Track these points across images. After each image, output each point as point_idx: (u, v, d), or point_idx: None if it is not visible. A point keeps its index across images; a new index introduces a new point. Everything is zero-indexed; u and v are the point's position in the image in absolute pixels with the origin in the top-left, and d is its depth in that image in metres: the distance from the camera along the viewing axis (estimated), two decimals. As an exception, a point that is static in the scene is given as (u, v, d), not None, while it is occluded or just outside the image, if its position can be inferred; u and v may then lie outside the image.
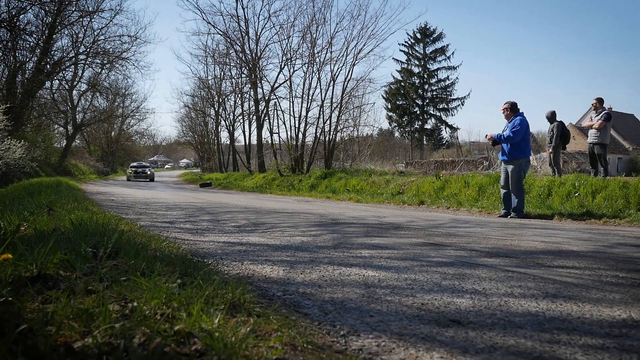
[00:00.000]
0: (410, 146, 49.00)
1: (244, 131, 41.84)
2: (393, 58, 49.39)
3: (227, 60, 28.67)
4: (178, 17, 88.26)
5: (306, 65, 22.78)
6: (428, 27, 49.22)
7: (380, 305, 2.11)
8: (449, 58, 49.22)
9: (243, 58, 25.89)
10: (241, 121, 34.01)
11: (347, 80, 21.97)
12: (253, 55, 25.24)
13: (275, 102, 24.69)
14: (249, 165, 29.75)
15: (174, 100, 72.04)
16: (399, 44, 49.55)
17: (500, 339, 1.68)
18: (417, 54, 49.73)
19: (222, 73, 32.62)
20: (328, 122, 22.24)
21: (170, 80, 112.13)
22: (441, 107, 49.80)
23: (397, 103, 49.62)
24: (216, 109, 37.17)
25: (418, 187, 13.63)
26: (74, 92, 34.18)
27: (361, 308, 2.05)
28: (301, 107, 22.99)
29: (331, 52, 22.13)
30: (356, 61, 21.66)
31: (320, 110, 22.39)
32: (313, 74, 22.53)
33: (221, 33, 26.28)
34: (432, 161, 33.10)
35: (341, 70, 22.21)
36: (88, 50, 24.03)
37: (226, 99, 34.58)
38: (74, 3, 21.06)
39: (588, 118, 11.34)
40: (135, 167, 35.82)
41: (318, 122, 22.52)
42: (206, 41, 47.06)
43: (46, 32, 20.96)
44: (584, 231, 6.10)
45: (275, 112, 24.87)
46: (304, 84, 22.82)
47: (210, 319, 1.44)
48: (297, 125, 23.02)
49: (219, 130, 39.52)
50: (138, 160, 49.45)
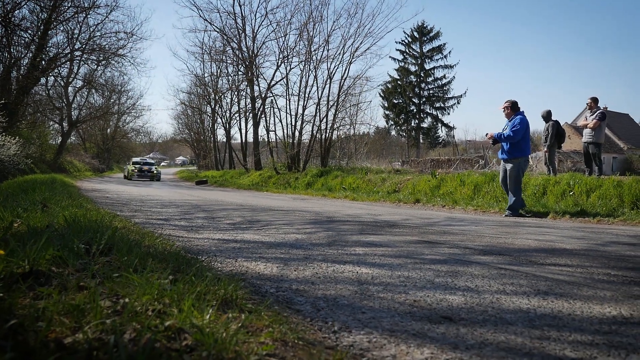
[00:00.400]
0: (406, 145, 49.10)
1: (241, 129, 41.78)
2: (390, 56, 49.56)
3: (224, 57, 28.66)
4: (174, 14, 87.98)
5: (303, 63, 22.79)
6: (425, 26, 49.27)
7: (372, 302, 2.11)
8: (446, 57, 49.36)
9: (240, 55, 25.85)
10: (238, 119, 34.02)
11: (344, 78, 21.99)
12: (250, 52, 25.21)
13: (271, 100, 24.68)
14: (246, 162, 29.74)
15: (170, 97, 72.21)
16: (396, 42, 49.67)
17: (490, 335, 1.69)
18: (414, 53, 49.80)
19: (219, 70, 32.61)
20: (324, 120, 22.25)
21: (166, 77, 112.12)
22: (438, 106, 49.90)
23: (394, 101, 49.68)
24: (213, 107, 37.14)
25: (414, 186, 13.65)
26: (70, 89, 34.04)
27: (354, 305, 2.06)
28: (298, 105, 22.96)
29: (328, 50, 22.14)
30: (353, 59, 21.68)
31: (316, 108, 22.40)
32: (310, 72, 22.53)
33: (218, 30, 26.25)
34: (429, 160, 33.18)
35: (338, 68, 22.31)
36: (84, 46, 23.93)
37: (223, 97, 34.56)
38: (70, -1, 20.98)
39: (583, 117, 11.38)
40: (139, 164, 30.49)
41: (314, 120, 22.52)
42: (203, 38, 47.15)
43: (41, 28, 20.86)
44: (578, 230, 6.12)
45: (271, 110, 24.88)
46: (301, 82, 22.83)
47: (201, 315, 1.45)
48: (294, 123, 23.02)
49: (216, 127, 39.52)
50: (135, 156, 45.29)
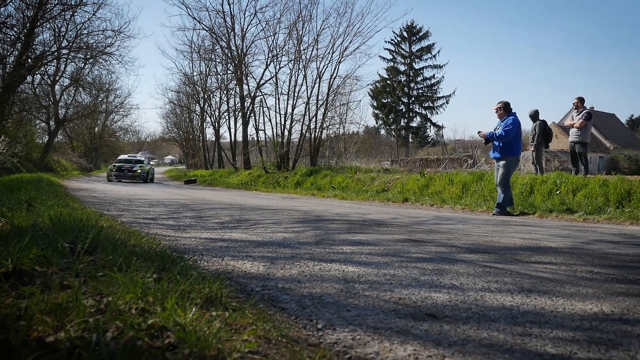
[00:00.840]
0: (396, 144, 49.24)
1: (230, 128, 41.69)
2: (379, 56, 49.55)
3: (213, 56, 28.53)
4: (163, 12, 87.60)
5: (292, 62, 22.76)
6: (414, 26, 49.45)
7: (358, 300, 2.13)
8: (435, 57, 49.56)
9: (229, 54, 25.77)
10: (227, 118, 33.88)
11: (333, 77, 22.00)
12: (239, 51, 25.13)
13: (261, 99, 24.61)
14: (235, 162, 29.64)
15: (159, 96, 71.67)
16: (385, 42, 49.79)
17: (473, 332, 1.70)
18: (403, 52, 49.97)
19: (208, 69, 32.49)
20: (314, 120, 22.25)
21: (155, 75, 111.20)
22: (427, 106, 50.12)
23: (383, 101, 49.80)
24: (201, 106, 36.97)
25: (403, 185, 13.71)
26: (57, 87, 33.66)
27: (339, 303, 2.06)
28: (287, 104, 22.94)
29: (317, 49, 22.14)
30: (342, 58, 21.70)
31: (306, 107, 22.38)
32: (299, 71, 22.51)
33: (207, 29, 26.12)
34: (418, 159, 33.32)
35: (327, 67, 22.23)
36: (71, 44, 23.64)
37: (212, 96, 34.41)
38: (56, -4, 20.73)
39: (570, 117, 11.50)
40: (119, 162, 26.08)
41: (304, 119, 22.52)
42: (192, 37, 46.82)
43: (27, 26, 20.62)
44: (564, 228, 6.19)
45: (261, 109, 24.82)
46: (290, 81, 22.80)
47: (184, 313, 1.45)
48: (283, 122, 22.99)
49: (205, 126, 39.34)
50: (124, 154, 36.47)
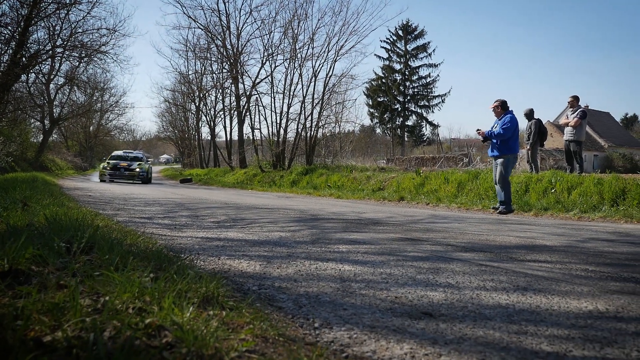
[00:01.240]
0: (391, 143, 49.29)
1: (225, 127, 41.44)
2: (375, 54, 49.59)
3: (208, 55, 28.48)
4: (158, 11, 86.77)
5: (288, 60, 22.75)
6: (410, 24, 49.49)
7: (354, 298, 2.13)
8: (430, 55, 49.61)
9: (224, 53, 25.72)
10: (222, 117, 33.81)
11: (329, 76, 22.00)
12: (234, 50, 25.09)
13: (256, 98, 24.60)
14: (230, 161, 29.62)
15: (154, 95, 71.51)
16: (381, 41, 49.79)
17: (469, 331, 1.71)
18: (399, 51, 50.00)
19: (203, 68, 32.37)
20: (309, 118, 22.24)
21: (150, 74, 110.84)
22: (422, 104, 50.19)
23: (379, 100, 49.84)
24: (197, 104, 36.87)
25: (398, 184, 13.73)
26: (51, 86, 33.48)
27: (335, 301, 2.07)
28: (282, 103, 22.93)
29: (313, 48, 22.13)
30: (338, 57, 21.69)
31: (301, 106, 22.38)
32: (295, 70, 22.50)
33: (202, 27, 26.07)
34: (413, 158, 33.35)
35: (323, 66, 22.25)
36: (65, 43, 23.51)
37: (207, 94, 34.35)
38: (51, -6, 20.62)
39: (564, 116, 11.55)
40: (115, 160, 22.72)
41: (299, 118, 22.51)
42: (187, 35, 46.65)
43: (22, 24, 20.51)
44: (559, 226, 6.22)
45: (256, 108, 24.81)
46: (286, 80, 22.79)
47: (181, 312, 1.45)
48: (279, 121, 22.97)
49: (200, 125, 39.24)
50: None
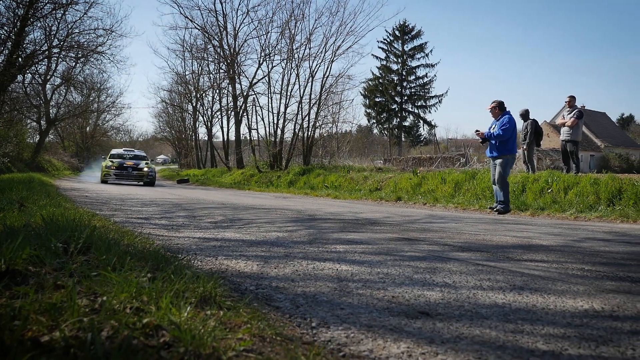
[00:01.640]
0: (388, 143, 49.35)
1: (222, 127, 41.41)
2: (372, 54, 49.61)
3: (205, 55, 28.50)
4: (155, 11, 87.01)
5: (285, 61, 22.77)
6: (407, 25, 49.55)
7: (351, 298, 2.14)
8: (427, 55, 49.70)
9: (221, 53, 25.72)
10: (219, 117, 33.85)
11: (326, 76, 22.04)
12: (231, 50, 25.09)
13: (253, 98, 24.60)
14: (228, 161, 29.60)
15: (151, 95, 71.28)
16: (378, 41, 49.84)
17: (466, 330, 1.72)
18: (396, 51, 50.06)
19: (200, 68, 32.41)
20: (307, 119, 22.26)
21: (147, 75, 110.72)
22: (419, 104, 50.25)
23: (376, 100, 49.88)
24: (194, 105, 36.85)
25: (395, 184, 13.75)
26: (48, 86, 33.31)
27: (333, 301, 2.08)
28: (280, 103, 22.94)
29: (310, 48, 22.18)
30: (335, 57, 21.74)
31: (298, 106, 22.39)
32: (292, 70, 22.52)
33: (199, 28, 26.07)
34: (410, 158, 33.42)
35: (320, 66, 22.24)
36: (62, 43, 23.47)
37: (204, 95, 34.34)
38: (47, -5, 20.56)
39: (561, 116, 11.59)
40: (119, 158, 20.69)
41: (297, 119, 22.53)
42: (184, 36, 46.59)
43: (18, 25, 20.45)
44: (555, 226, 6.24)
45: (253, 108, 24.80)
46: (283, 80, 22.80)
47: (179, 312, 1.45)
48: (276, 121, 22.98)
49: (197, 126, 39.24)
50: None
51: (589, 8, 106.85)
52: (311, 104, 22.24)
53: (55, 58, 26.28)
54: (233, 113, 27.27)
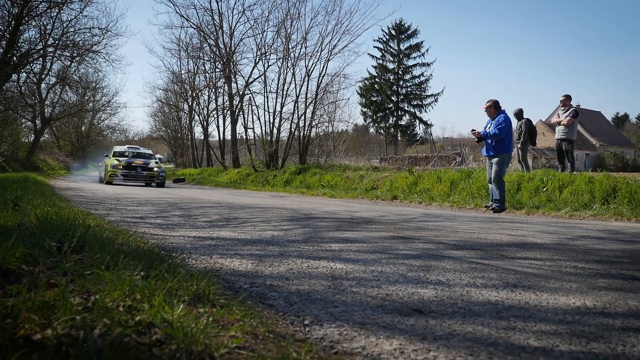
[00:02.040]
0: (384, 142, 49.40)
1: (218, 126, 41.29)
2: (368, 54, 49.62)
3: (201, 54, 28.44)
4: (150, 10, 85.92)
5: (281, 60, 22.75)
6: (403, 24, 49.60)
7: (345, 296, 2.14)
8: (423, 55, 49.76)
9: (217, 52, 25.69)
10: (215, 116, 33.75)
11: (322, 75, 22.02)
12: (227, 49, 25.05)
13: (249, 97, 24.59)
14: (224, 160, 29.54)
15: (147, 94, 71.07)
16: (374, 40, 49.84)
17: (458, 327, 1.73)
18: (392, 50, 50.09)
19: (196, 67, 32.29)
20: (303, 118, 22.26)
21: (142, 74, 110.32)
22: (415, 104, 50.32)
23: (372, 99, 49.91)
24: (190, 104, 36.73)
25: (392, 183, 13.77)
26: (43, 86, 33.21)
27: (326, 299, 2.08)
28: (276, 103, 22.93)
29: (306, 48, 22.15)
30: (331, 57, 21.73)
31: (294, 105, 22.39)
32: (288, 69, 22.51)
33: (195, 27, 26.02)
34: (406, 157, 33.47)
35: (316, 65, 22.22)
36: (57, 42, 23.38)
37: (200, 94, 34.27)
38: (42, -7, 20.48)
39: (556, 115, 11.63)
40: (125, 157, 18.95)
41: (293, 118, 22.52)
42: (179, 35, 46.26)
43: (12, 24, 20.36)
44: (550, 224, 6.27)
45: (249, 107, 24.78)
46: (279, 79, 22.79)
47: (172, 310, 1.45)
48: (272, 120, 22.97)
49: (193, 125, 39.10)
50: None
51: (586, 8, 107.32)
52: (307, 103, 22.24)
53: (50, 57, 26.21)
54: (229, 112, 27.23)
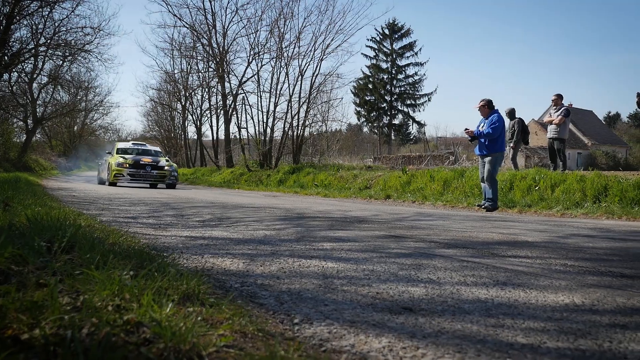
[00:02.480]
0: (378, 141, 49.49)
1: (212, 126, 41.32)
2: (362, 53, 49.69)
3: (194, 53, 28.38)
4: (143, 9, 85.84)
5: (274, 59, 22.76)
6: (396, 23, 49.69)
7: (336, 294, 2.15)
8: (417, 54, 49.88)
9: (210, 52, 25.64)
10: (209, 116, 33.69)
11: (315, 75, 22.06)
12: (220, 49, 25.01)
13: (243, 97, 24.56)
14: (217, 160, 29.49)
15: (140, 94, 70.46)
16: (368, 40, 49.92)
17: (448, 324, 1.74)
18: (386, 50, 50.18)
19: (189, 67, 32.20)
20: (296, 117, 22.27)
21: (135, 73, 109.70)
22: (409, 103, 50.44)
23: (366, 98, 49.97)
24: (183, 104, 36.61)
25: (385, 182, 13.80)
26: (34, 85, 32.95)
27: (317, 298, 2.09)
28: (269, 102, 22.95)
29: (299, 47, 22.18)
30: (324, 56, 21.78)
31: (288, 105, 22.40)
32: (281, 69, 22.52)
33: (188, 26, 25.97)
34: (400, 156, 33.53)
35: (309, 65, 22.25)
36: (48, 41, 23.26)
37: (193, 93, 34.17)
38: (33, -8, 20.38)
39: (548, 114, 11.69)
40: (130, 154, 16.96)
41: (286, 117, 22.53)
42: (172, 34, 46.10)
43: (4, 23, 20.22)
44: (541, 223, 6.31)
45: (243, 107, 24.75)
46: (272, 79, 22.80)
47: (161, 309, 1.46)
48: (265, 120, 22.96)
49: (186, 125, 38.97)
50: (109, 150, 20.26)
51: (579, 7, 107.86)
52: (301, 103, 22.26)
53: (42, 56, 26.06)
54: (222, 112, 27.20)
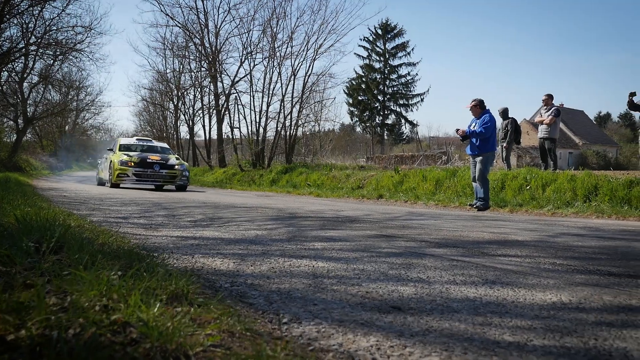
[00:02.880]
0: (371, 141, 49.52)
1: (204, 126, 41.14)
2: (355, 53, 49.70)
3: (187, 53, 28.26)
4: (135, 8, 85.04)
5: (267, 59, 22.73)
6: (389, 23, 49.77)
7: (325, 294, 2.15)
8: (409, 54, 49.98)
9: (202, 51, 25.56)
10: (201, 115, 33.52)
11: (308, 75, 22.07)
12: (213, 48, 24.94)
13: (235, 97, 24.50)
14: (209, 160, 29.39)
15: (132, 93, 70.27)
16: (360, 40, 49.94)
17: (436, 323, 1.75)
18: (378, 50, 50.25)
19: (181, 66, 32.04)
20: (289, 117, 22.25)
21: (127, 73, 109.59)
22: (402, 103, 50.54)
23: (359, 98, 50.01)
24: (175, 103, 36.43)
25: (377, 182, 13.82)
26: (25, 84, 32.63)
27: (306, 297, 2.09)
28: (262, 102, 22.97)
29: (292, 47, 22.17)
30: (317, 56, 21.78)
31: (281, 104, 22.38)
32: (274, 69, 22.50)
33: (180, 26, 25.87)
34: (393, 156, 33.55)
35: (302, 64, 22.26)
36: (39, 40, 23.09)
37: (185, 93, 33.99)
38: (24, -9, 20.22)
39: (539, 114, 11.76)
40: (135, 151, 14.81)
41: (279, 117, 22.51)
42: (164, 33, 45.88)
43: (-7, 21, 20.05)
44: (532, 222, 6.35)
45: (235, 107, 24.70)
46: (265, 79, 22.78)
47: (148, 309, 1.45)
48: (258, 120, 22.93)
49: (179, 124, 38.78)
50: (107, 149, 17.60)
51: (570, 7, 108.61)
52: (293, 102, 22.26)
53: (32, 55, 25.85)
54: (215, 111, 27.11)
